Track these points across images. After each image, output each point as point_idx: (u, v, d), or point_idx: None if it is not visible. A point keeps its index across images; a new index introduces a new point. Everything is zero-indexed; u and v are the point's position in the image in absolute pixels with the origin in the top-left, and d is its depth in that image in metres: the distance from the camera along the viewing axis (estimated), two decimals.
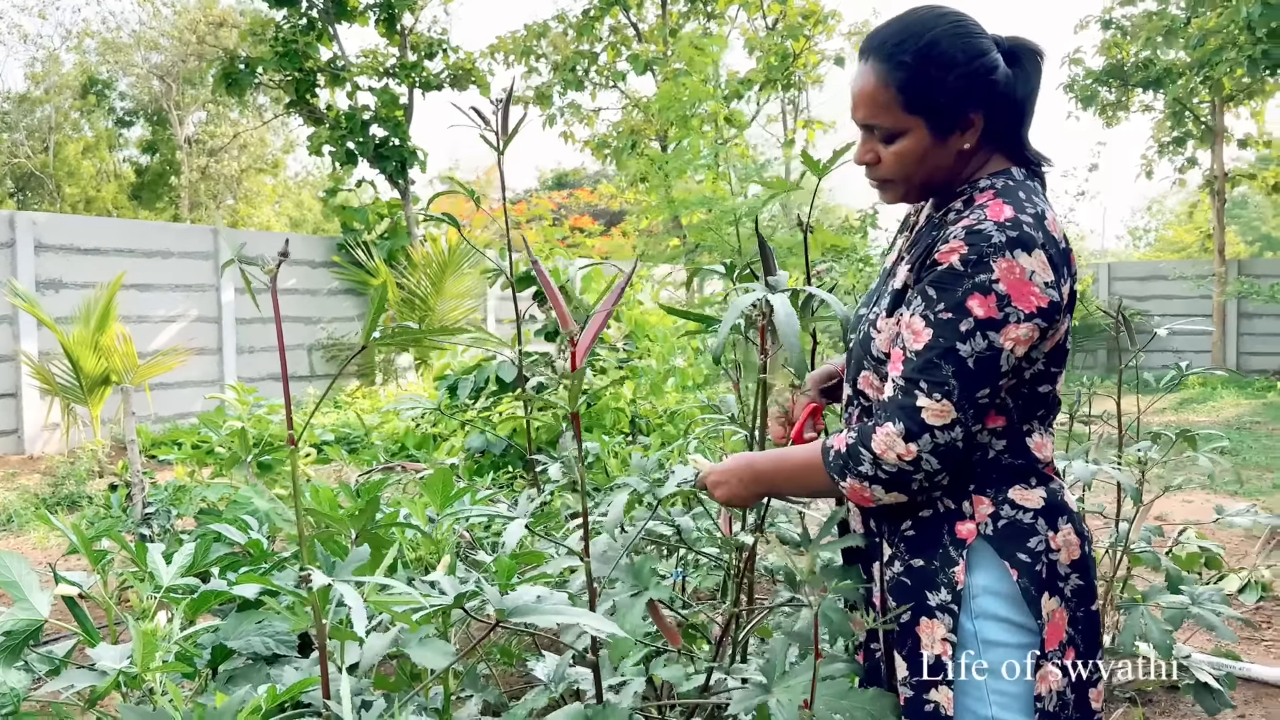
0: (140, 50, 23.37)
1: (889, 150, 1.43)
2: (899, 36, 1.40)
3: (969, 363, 1.29)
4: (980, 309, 1.29)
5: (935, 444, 1.30)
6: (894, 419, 1.32)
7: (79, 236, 9.32)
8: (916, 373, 1.31)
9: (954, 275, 1.31)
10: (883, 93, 1.40)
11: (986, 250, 1.29)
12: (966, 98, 1.39)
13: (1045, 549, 1.38)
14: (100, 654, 1.74)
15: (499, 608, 1.21)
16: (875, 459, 1.33)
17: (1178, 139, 15.37)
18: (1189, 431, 2.59)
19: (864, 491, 1.36)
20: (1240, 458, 7.52)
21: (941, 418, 1.30)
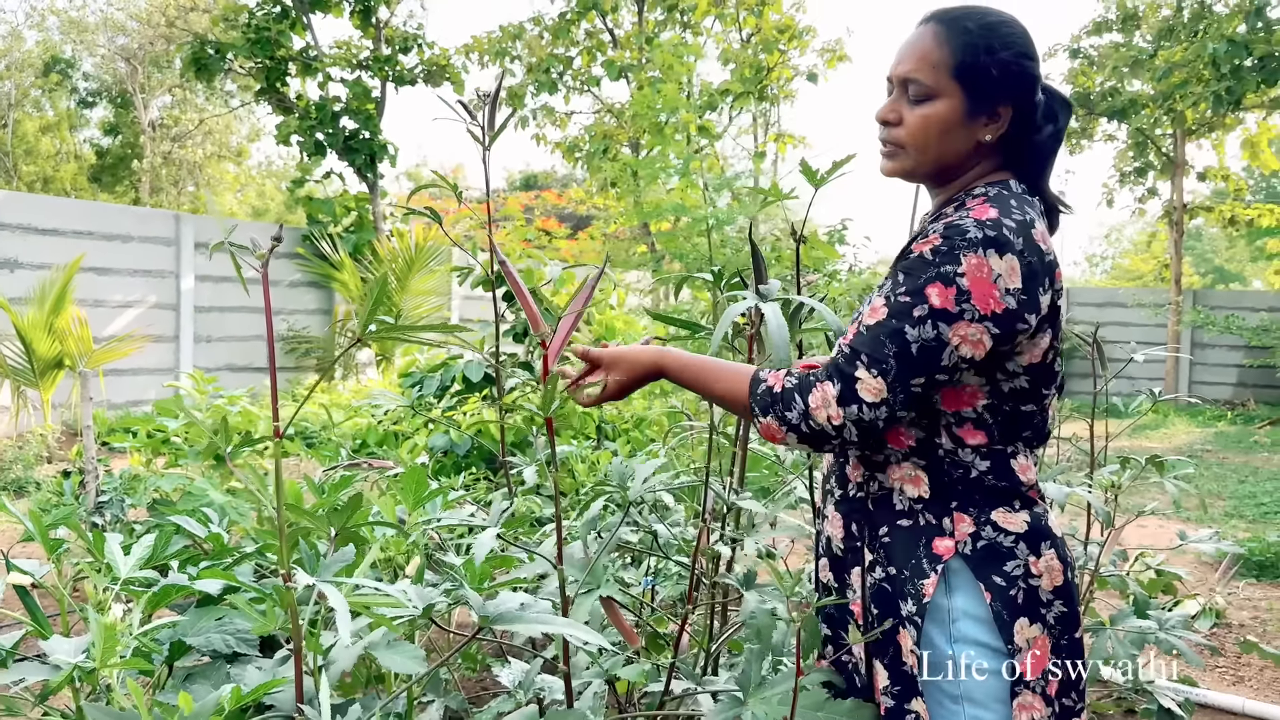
0: (106, 31, 22.94)
1: (916, 112, 1.42)
2: (968, 9, 1.43)
3: (912, 348, 1.30)
4: (938, 298, 1.29)
5: (860, 417, 1.32)
6: (832, 380, 1.33)
7: (37, 216, 9.11)
8: (862, 345, 1.33)
9: (923, 262, 1.32)
10: (935, 51, 1.40)
11: (959, 244, 1.30)
12: (1006, 87, 1.40)
13: (1024, 574, 1.37)
14: (53, 647, 1.67)
15: (483, 614, 1.17)
16: (806, 411, 1.34)
17: (1139, 169, 15.64)
18: (1158, 458, 2.62)
19: (777, 434, 1.38)
20: (1193, 485, 7.65)
21: (873, 394, 1.31)
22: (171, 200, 23.79)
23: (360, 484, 3.36)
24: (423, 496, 2.00)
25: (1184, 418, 12.41)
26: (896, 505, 1.43)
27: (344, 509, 1.23)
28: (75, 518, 3.59)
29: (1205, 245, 30.84)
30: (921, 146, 1.43)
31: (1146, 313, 15.07)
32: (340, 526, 1.23)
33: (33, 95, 23.59)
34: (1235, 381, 14.90)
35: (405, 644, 1.56)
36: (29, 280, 8.65)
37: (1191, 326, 14.60)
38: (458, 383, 5.37)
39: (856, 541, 1.49)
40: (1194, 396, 7.16)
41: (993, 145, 1.43)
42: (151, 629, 1.83)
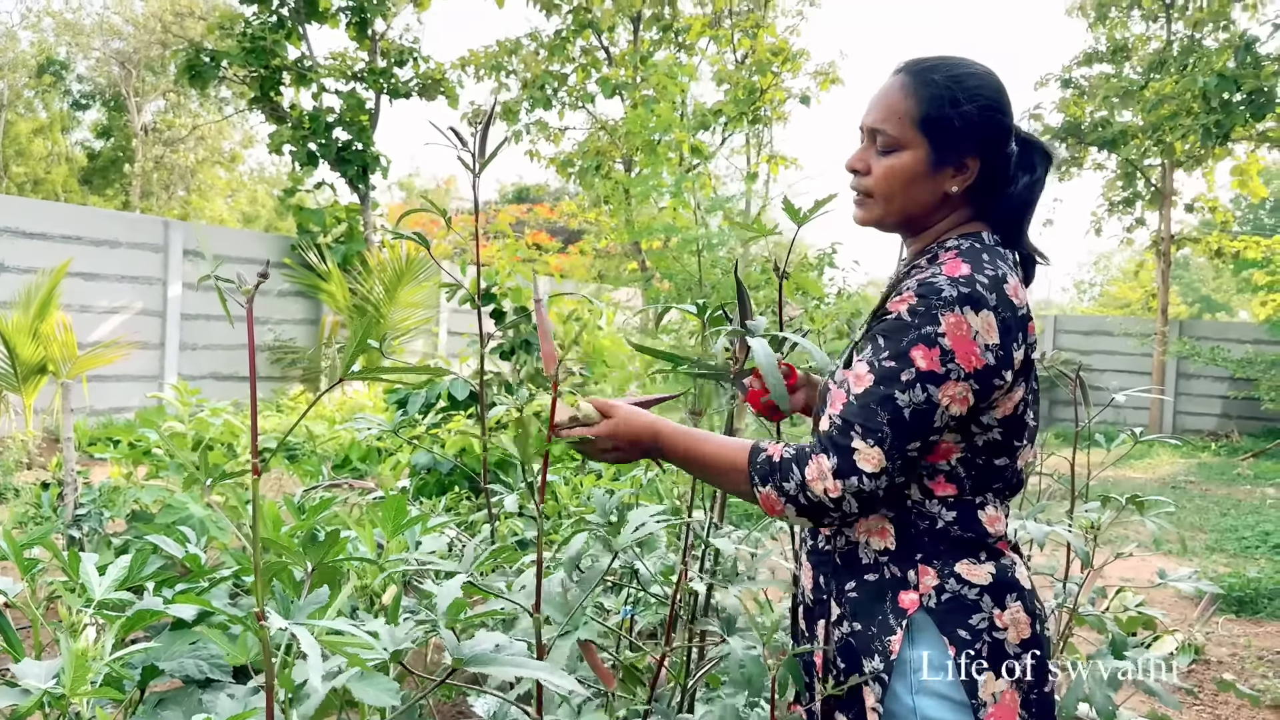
0: (101, 34, 22.92)
1: (883, 162, 1.43)
2: (937, 62, 1.44)
3: (905, 413, 1.29)
4: (923, 361, 1.29)
5: (860, 489, 1.29)
6: (828, 453, 1.31)
7: (24, 219, 9.07)
8: (854, 415, 1.31)
9: (902, 325, 1.32)
10: (902, 102, 1.41)
11: (935, 303, 1.30)
12: (972, 139, 1.41)
13: (989, 626, 1.36)
14: (24, 671, 1.66)
15: (456, 655, 1.17)
16: (803, 483, 1.32)
17: (1127, 199, 15.76)
18: (1138, 497, 2.62)
19: (776, 505, 1.35)
20: (1175, 517, 7.67)
21: (872, 464, 1.29)
22: (162, 205, 23.72)
23: (340, 506, 3.35)
24: (401, 524, 1.99)
25: (1168, 449, 12.47)
26: (863, 559, 1.43)
27: (321, 544, 1.22)
28: (53, 530, 3.56)
29: (1193, 275, 31.09)
30: (887, 196, 1.44)
31: (1133, 342, 15.16)
32: (317, 562, 1.22)
33: (25, 96, 23.54)
34: (1220, 413, 14.99)
35: (379, 676, 1.55)
36: (15, 284, 8.60)
37: (1177, 357, 14.69)
38: (443, 400, 5.35)
39: (824, 594, 1.48)
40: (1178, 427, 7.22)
41: (962, 196, 1.44)
42: (125, 654, 1.81)
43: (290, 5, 11.76)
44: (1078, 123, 15.07)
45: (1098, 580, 3.15)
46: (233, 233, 12.98)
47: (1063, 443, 2.86)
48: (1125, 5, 14.92)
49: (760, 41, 13.22)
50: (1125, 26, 15.21)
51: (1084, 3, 15.17)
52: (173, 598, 1.97)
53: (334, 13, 12.08)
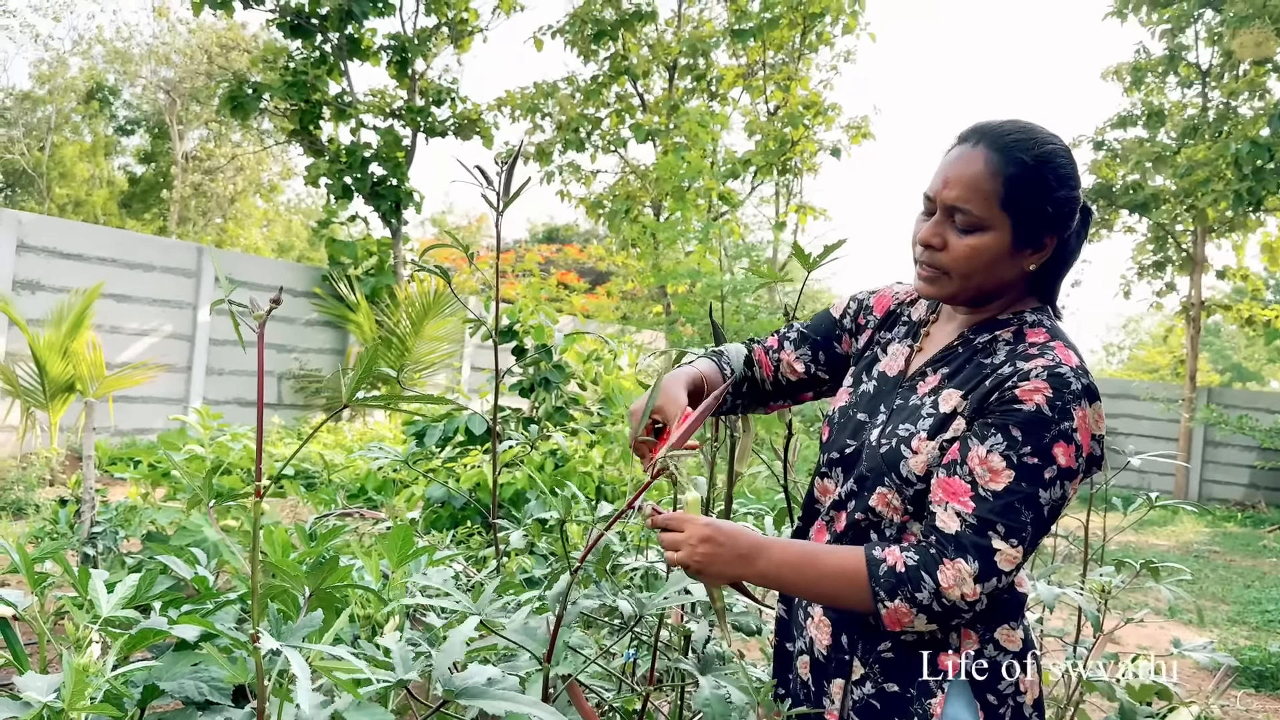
0: (150, 63, 23.49)
1: (963, 241, 1.36)
2: (1020, 135, 1.36)
3: (1045, 510, 1.27)
4: (1064, 458, 1.27)
5: (997, 589, 1.27)
6: (967, 557, 1.25)
7: (63, 240, 9.25)
8: (994, 514, 1.26)
9: (1042, 420, 1.27)
10: (988, 181, 1.33)
11: (1068, 397, 1.27)
12: (1054, 220, 1.37)
13: (1014, 691, 1.36)
14: (27, 684, 1.67)
15: (448, 688, 1.17)
16: (937, 591, 1.26)
17: (1158, 263, 15.69)
18: (1152, 563, 2.59)
19: (907, 618, 1.28)
20: (1197, 586, 7.54)
21: (1011, 564, 1.26)
22: (198, 231, 24.12)
23: (350, 534, 3.36)
24: (407, 554, 2.00)
25: (1192, 516, 12.28)
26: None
27: (320, 570, 1.23)
28: (68, 547, 3.60)
29: (1224, 342, 30.78)
30: (967, 274, 1.37)
31: (1160, 407, 15.01)
32: (316, 587, 1.23)
33: (73, 120, 24.10)
34: (1247, 482, 14.76)
35: (375, 706, 1.55)
36: (49, 303, 8.75)
37: (1204, 424, 14.51)
38: (460, 434, 5.38)
39: (845, 653, 1.43)
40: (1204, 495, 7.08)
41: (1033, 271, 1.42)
42: (126, 671, 1.83)
43: (333, 42, 12.03)
44: (1109, 185, 15.07)
45: (1112, 647, 3.10)
46: (265, 261, 13.16)
47: (1080, 504, 2.84)
48: (1161, 71, 14.98)
49: (793, 94, 13.35)
50: (1161, 92, 15.25)
51: (1120, 67, 15.24)
52: (177, 618, 1.98)
53: (376, 51, 12.34)
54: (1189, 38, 14.76)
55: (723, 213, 12.04)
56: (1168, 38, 14.73)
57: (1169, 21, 14.54)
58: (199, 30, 22.60)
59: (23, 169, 23.11)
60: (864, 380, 1.56)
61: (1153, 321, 30.49)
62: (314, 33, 11.94)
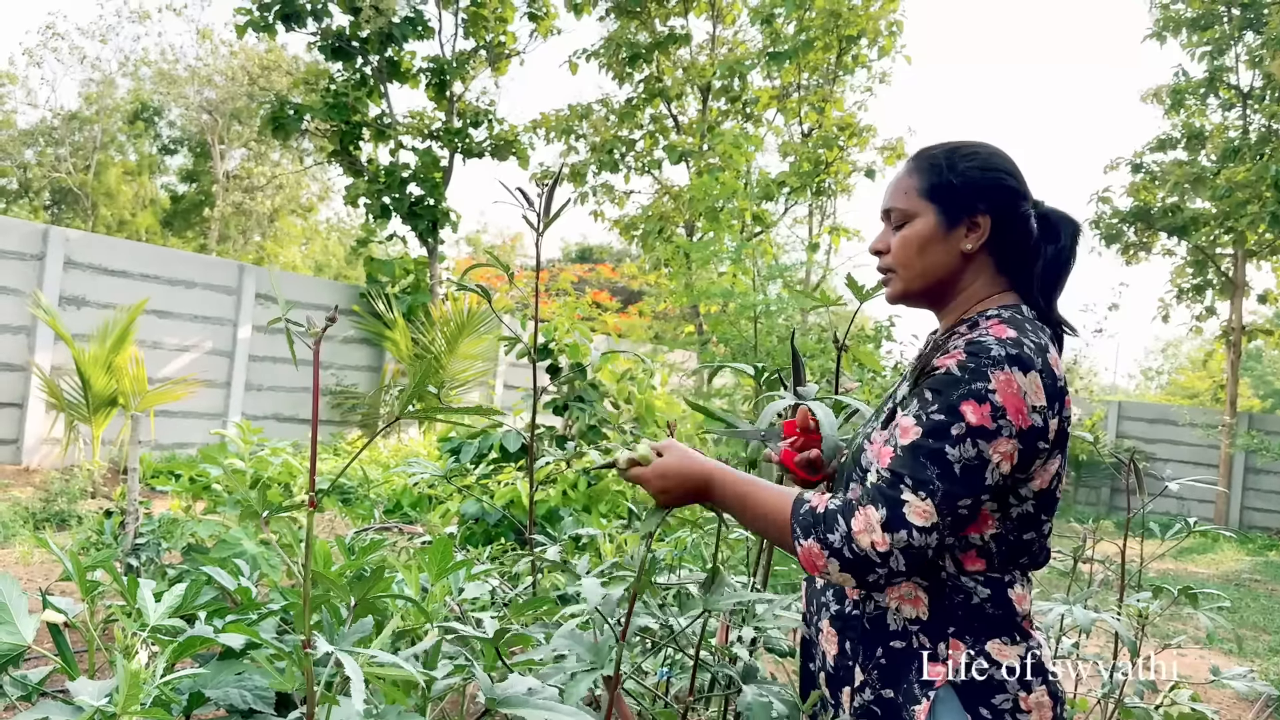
0: (193, 84, 23.97)
1: (898, 235, 1.49)
2: (940, 145, 1.53)
3: (955, 468, 1.29)
4: (973, 415, 1.29)
5: (909, 544, 1.28)
6: (877, 504, 1.29)
7: (108, 257, 9.45)
8: (903, 468, 1.30)
9: (951, 380, 1.32)
10: (906, 180, 1.50)
11: (985, 361, 1.31)
12: (977, 195, 1.46)
13: (1013, 708, 1.35)
14: (79, 688, 1.72)
15: (490, 696, 1.20)
16: (849, 534, 1.29)
17: (1198, 286, 15.49)
18: (1190, 589, 2.57)
19: (818, 560, 1.32)
20: (1237, 616, 7.41)
21: (924, 518, 1.28)
22: (238, 249, 24.51)
23: (388, 549, 3.40)
24: (447, 568, 2.03)
25: (1233, 544, 12.07)
26: (891, 625, 1.42)
27: (366, 580, 1.27)
28: (113, 558, 3.67)
29: (1265, 367, 30.26)
30: (906, 264, 1.49)
31: (1199, 433, 14.78)
32: (361, 597, 1.27)
33: (118, 140, 24.62)
34: None
35: (415, 716, 1.59)
36: (94, 319, 8.94)
37: (1245, 450, 14.27)
38: (495, 451, 5.42)
39: (848, 660, 1.47)
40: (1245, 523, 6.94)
41: (989, 262, 1.48)
42: (174, 678, 1.87)
43: (373, 65, 12.22)
44: (1147, 207, 14.92)
45: (1151, 675, 3.07)
46: (304, 279, 13.35)
47: (1116, 530, 2.81)
48: (1201, 93, 14.84)
49: (827, 116, 13.37)
50: (1202, 114, 15.10)
51: (1159, 89, 15.12)
52: (223, 627, 2.03)
53: (415, 74, 12.53)
54: (1229, 60, 14.62)
55: (756, 233, 12.06)
56: (1207, 60, 14.60)
57: (1209, 44, 14.41)
58: (241, 52, 23.05)
59: (69, 188, 23.63)
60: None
61: (1192, 346, 30.05)
62: (355, 55, 12.15)
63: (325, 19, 11.85)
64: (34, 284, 8.74)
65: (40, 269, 8.83)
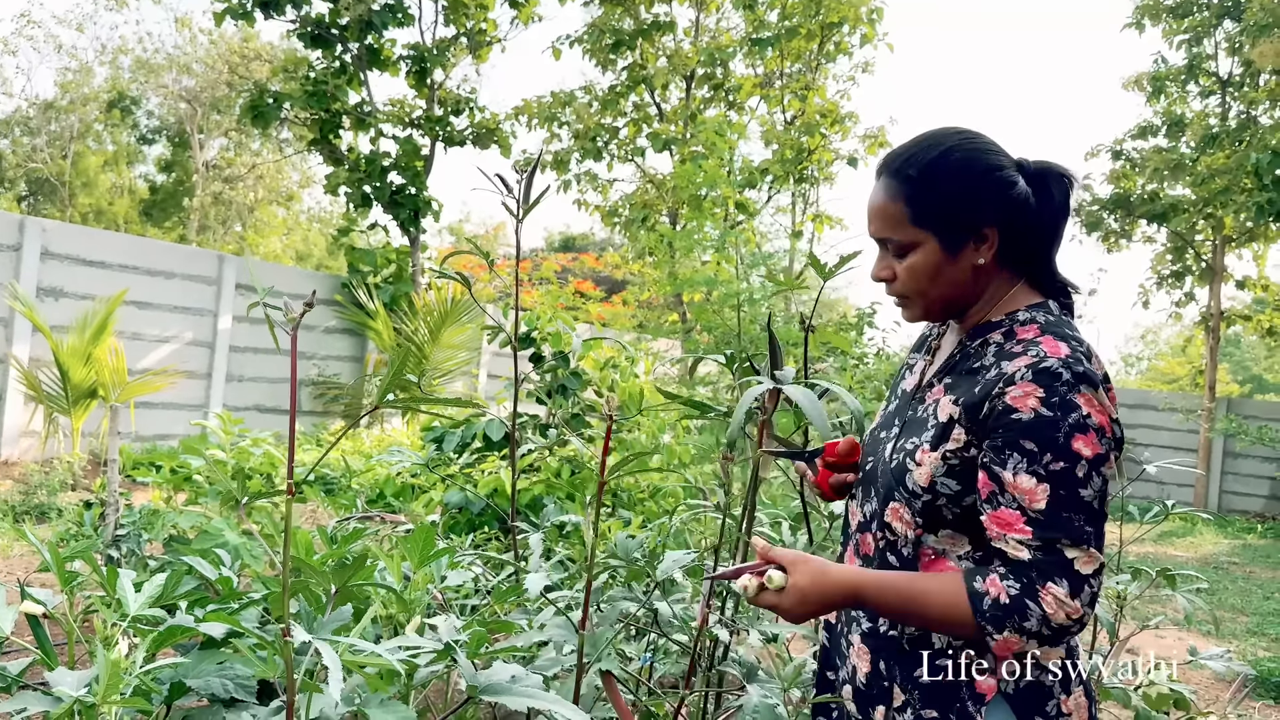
0: (172, 72, 23.74)
1: (902, 265, 1.42)
2: (910, 152, 1.42)
3: (1094, 505, 1.27)
4: (1087, 449, 1.26)
5: (1093, 594, 1.27)
6: (1054, 579, 1.25)
7: (85, 248, 9.36)
8: (1052, 531, 1.26)
9: (1046, 422, 1.27)
10: (892, 206, 1.41)
11: (1062, 389, 1.27)
12: (978, 210, 1.38)
13: (1057, 713, 1.35)
14: (57, 679, 1.71)
15: (472, 683, 1.20)
16: (1045, 617, 1.25)
17: (1177, 273, 15.60)
18: (1169, 570, 2.60)
19: (1017, 645, 1.28)
20: (1216, 598, 7.49)
21: (1091, 565, 1.26)
22: (218, 240, 24.32)
23: (371, 537, 3.40)
24: (429, 555, 2.03)
25: (1212, 527, 12.19)
26: (935, 644, 1.39)
27: (346, 568, 1.26)
28: (93, 549, 3.65)
29: (1244, 353, 30.54)
30: (921, 293, 1.44)
31: (1179, 418, 14.90)
32: (341, 584, 1.27)
33: (95, 129, 24.37)
34: (1268, 494, 14.64)
35: (397, 704, 1.58)
36: (72, 310, 8.85)
37: (1224, 435, 14.40)
38: (478, 440, 5.41)
39: (884, 680, 1.44)
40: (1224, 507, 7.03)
41: (997, 259, 1.42)
42: (154, 668, 1.86)
43: (353, 52, 12.13)
44: (1128, 195, 15.00)
45: (1129, 656, 3.10)
46: (285, 269, 13.27)
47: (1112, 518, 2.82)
48: (1181, 81, 14.91)
49: (810, 104, 13.36)
50: (1183, 102, 15.18)
51: (1140, 77, 15.19)
52: (204, 616, 2.02)
53: (395, 61, 12.44)
54: (1209, 47, 14.70)
55: (739, 221, 12.06)
56: (1187, 47, 14.68)
57: (1188, 31, 14.49)
58: (220, 40, 22.84)
59: (46, 178, 23.38)
60: (891, 400, 1.60)
61: (1172, 332, 30.28)
62: (334, 43, 12.05)
63: (304, 6, 11.75)
64: (10, 275, 8.65)
65: (17, 260, 8.74)
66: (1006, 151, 1.44)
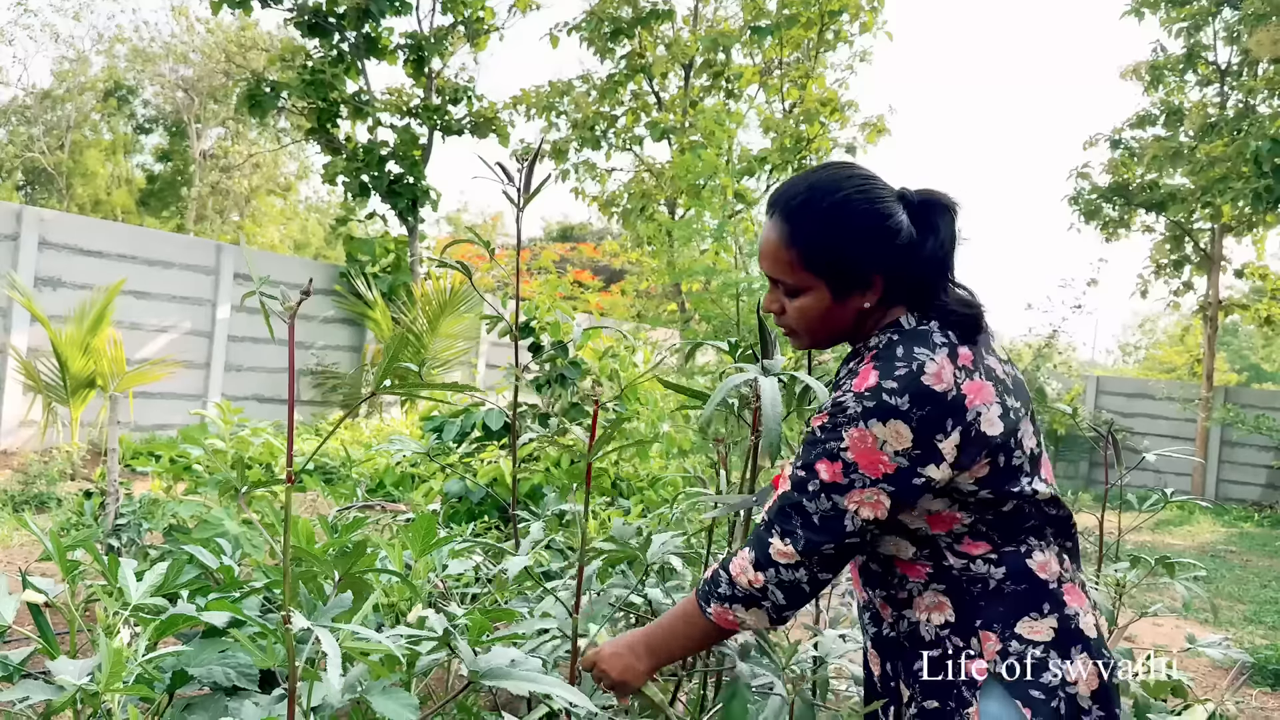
0: (169, 62, 23.67)
1: (793, 304, 1.47)
2: (804, 197, 1.43)
3: (814, 519, 1.36)
4: (825, 474, 1.35)
5: (780, 579, 1.38)
6: (749, 547, 1.41)
7: (83, 238, 9.34)
8: (773, 514, 1.41)
9: (813, 440, 1.39)
10: (785, 252, 1.44)
11: (840, 420, 1.35)
12: (866, 261, 1.41)
13: (1061, 683, 1.34)
14: (59, 667, 1.71)
15: (473, 668, 1.20)
16: (731, 580, 1.41)
17: (1175, 262, 15.59)
18: (1167, 558, 2.60)
19: (727, 614, 1.42)
20: (1213, 586, 7.51)
21: (786, 558, 1.37)
22: (215, 229, 24.29)
23: (372, 526, 3.40)
24: (430, 544, 2.03)
25: (1209, 516, 12.22)
26: (926, 637, 1.43)
27: (348, 555, 1.27)
28: (93, 539, 3.65)
29: (1242, 342, 30.55)
30: (809, 330, 1.50)
31: (1176, 406, 14.92)
32: (344, 572, 1.27)
33: (92, 119, 24.30)
34: (1265, 483, 14.67)
35: (400, 691, 1.59)
36: (70, 299, 8.84)
37: (1221, 424, 14.43)
38: (478, 430, 5.42)
39: (891, 680, 1.49)
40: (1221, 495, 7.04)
41: (880, 299, 1.45)
42: (156, 657, 1.87)
43: (350, 41, 12.09)
44: (1126, 184, 14.99)
45: (1127, 644, 3.11)
46: (283, 259, 13.25)
47: (1095, 502, 2.84)
48: (1180, 70, 14.89)
49: (809, 92, 13.34)
50: (1181, 91, 15.16)
51: (1138, 66, 15.15)
52: (206, 605, 2.02)
53: (393, 50, 12.40)
54: (1207, 36, 14.66)
55: (738, 211, 12.05)
56: (1185, 36, 14.64)
57: (1186, 20, 14.45)
58: (217, 29, 22.75)
59: (43, 168, 23.33)
60: None
61: (1170, 321, 30.29)
62: (331, 32, 12.00)
63: None
64: (9, 265, 8.64)
65: (15, 249, 8.72)
66: (891, 189, 1.45)
